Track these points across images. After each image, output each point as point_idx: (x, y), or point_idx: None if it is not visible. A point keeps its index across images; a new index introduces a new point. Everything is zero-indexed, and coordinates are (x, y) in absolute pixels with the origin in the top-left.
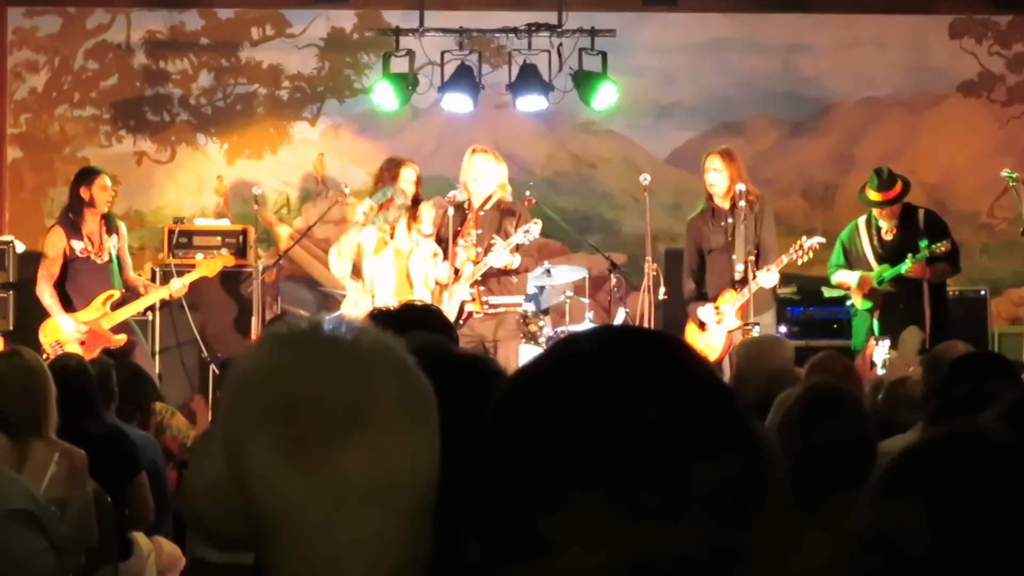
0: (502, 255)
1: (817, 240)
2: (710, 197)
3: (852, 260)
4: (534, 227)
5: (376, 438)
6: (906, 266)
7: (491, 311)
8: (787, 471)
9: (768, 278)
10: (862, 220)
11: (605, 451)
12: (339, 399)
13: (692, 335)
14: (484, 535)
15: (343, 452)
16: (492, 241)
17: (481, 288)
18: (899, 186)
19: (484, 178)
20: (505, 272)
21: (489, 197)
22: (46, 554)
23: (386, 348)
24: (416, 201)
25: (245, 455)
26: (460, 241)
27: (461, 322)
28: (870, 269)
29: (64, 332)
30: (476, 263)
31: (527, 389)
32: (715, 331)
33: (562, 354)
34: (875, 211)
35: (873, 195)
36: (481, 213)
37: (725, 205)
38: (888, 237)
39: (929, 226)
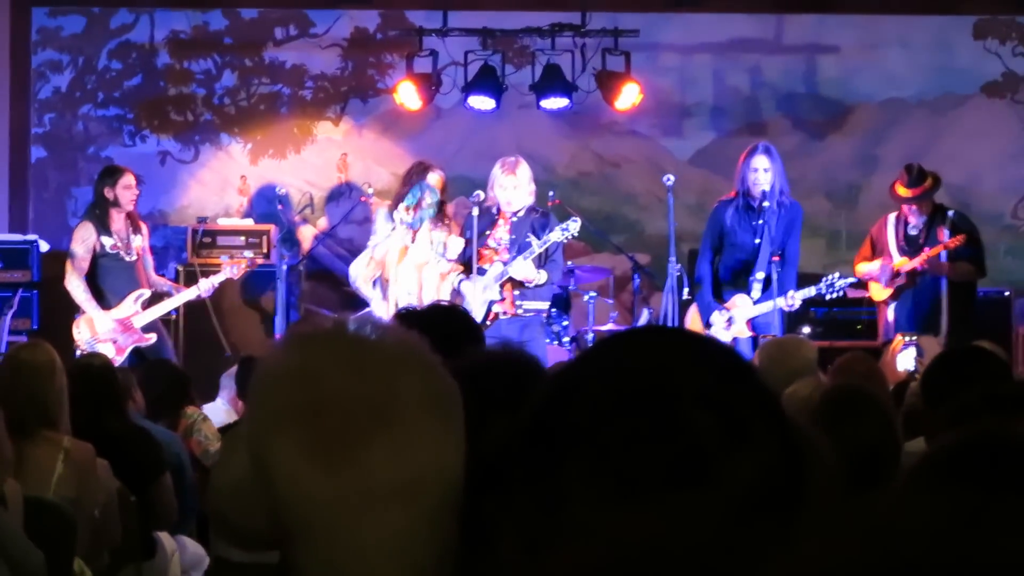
0: (526, 267)
1: (849, 282)
2: (746, 192)
3: (877, 253)
4: (572, 224)
5: (401, 438)
6: (920, 257)
7: (523, 314)
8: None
9: (789, 305)
10: (892, 215)
11: (650, 452)
12: (364, 399)
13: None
14: (519, 529)
15: (368, 452)
16: (528, 239)
17: (515, 292)
18: (929, 182)
19: (516, 198)
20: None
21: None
22: None
23: (411, 348)
24: (440, 205)
25: (270, 455)
26: (491, 244)
27: (488, 322)
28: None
29: (99, 329)
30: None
31: (574, 386)
32: (720, 335)
33: (610, 354)
34: (904, 207)
35: (902, 191)
36: (514, 219)
37: (762, 203)
38: (914, 233)
39: (955, 225)
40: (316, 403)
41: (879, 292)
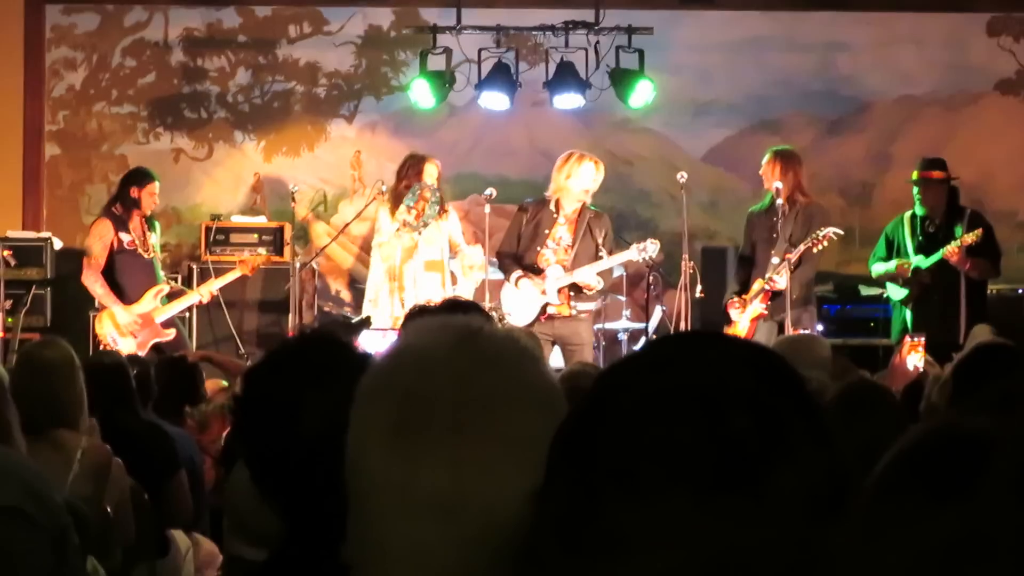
0: (591, 276)
1: (832, 230)
2: (776, 193)
3: (893, 252)
4: (651, 246)
5: (464, 456)
6: (942, 251)
7: (576, 314)
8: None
9: (780, 280)
10: (908, 213)
11: (689, 454)
12: (456, 407)
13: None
14: (558, 531)
15: (426, 456)
16: (600, 254)
17: (571, 294)
18: (940, 173)
19: (592, 191)
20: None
21: (583, 203)
22: (37, 555)
23: (535, 379)
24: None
25: (357, 414)
26: (550, 244)
27: (542, 320)
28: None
29: (121, 322)
30: (568, 270)
31: (615, 386)
32: (741, 320)
33: (653, 355)
34: (918, 200)
35: (913, 175)
36: (577, 217)
37: (777, 201)
38: (931, 230)
39: (972, 223)
40: (413, 390)
41: (896, 292)
